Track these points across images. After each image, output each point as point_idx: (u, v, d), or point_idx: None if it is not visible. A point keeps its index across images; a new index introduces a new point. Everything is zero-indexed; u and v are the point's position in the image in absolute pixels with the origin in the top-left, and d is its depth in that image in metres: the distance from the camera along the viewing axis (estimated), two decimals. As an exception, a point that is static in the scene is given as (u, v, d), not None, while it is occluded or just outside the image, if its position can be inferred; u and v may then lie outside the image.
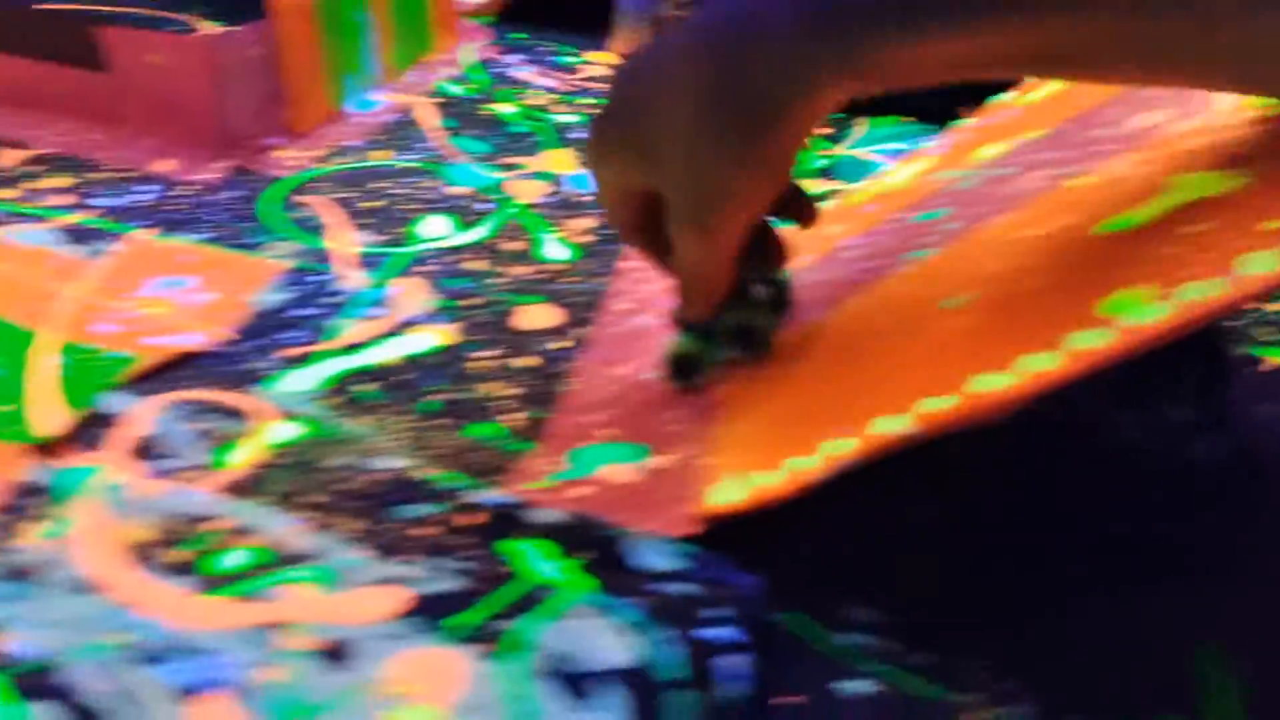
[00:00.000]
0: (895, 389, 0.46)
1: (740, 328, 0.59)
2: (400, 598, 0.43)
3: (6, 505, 0.46)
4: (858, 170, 1.00)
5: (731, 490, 0.49)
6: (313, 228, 0.73)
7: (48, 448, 0.49)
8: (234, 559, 0.44)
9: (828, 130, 1.08)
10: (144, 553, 0.44)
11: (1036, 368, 0.39)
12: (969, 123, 0.76)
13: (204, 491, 0.47)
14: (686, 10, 1.15)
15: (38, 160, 0.76)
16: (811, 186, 0.93)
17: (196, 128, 0.79)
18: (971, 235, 0.56)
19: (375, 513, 0.48)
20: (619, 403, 0.61)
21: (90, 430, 0.51)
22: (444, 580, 0.44)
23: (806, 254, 0.70)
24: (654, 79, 0.46)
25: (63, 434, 0.50)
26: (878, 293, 0.57)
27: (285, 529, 0.46)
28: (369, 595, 0.43)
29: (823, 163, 1.00)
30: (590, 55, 1.19)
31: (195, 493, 0.47)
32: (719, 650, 0.42)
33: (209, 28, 0.77)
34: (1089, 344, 0.38)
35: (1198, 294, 0.36)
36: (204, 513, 0.46)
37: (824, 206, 0.79)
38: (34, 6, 0.79)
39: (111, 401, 0.53)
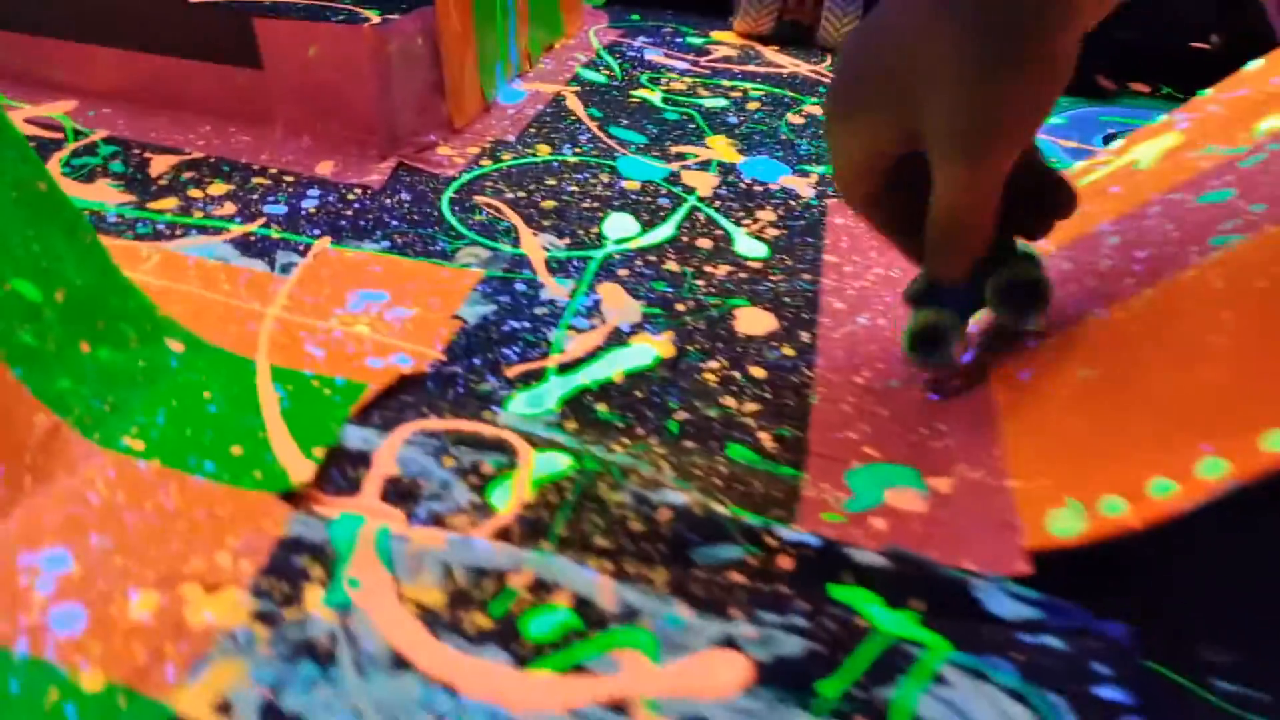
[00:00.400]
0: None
1: (1015, 283, 0.53)
2: (741, 664, 0.38)
3: (275, 566, 0.41)
4: (1022, 148, 0.94)
5: (1069, 521, 0.43)
6: (499, 231, 0.68)
7: (301, 495, 0.44)
8: (544, 623, 0.39)
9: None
10: (442, 618, 0.39)
11: None
12: (1211, 94, 0.70)
13: (485, 540, 0.42)
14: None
15: (191, 166, 0.71)
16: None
17: (356, 124, 0.73)
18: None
19: (678, 558, 0.43)
20: (870, 416, 0.55)
21: (339, 470, 0.46)
22: (784, 641, 0.38)
23: (1055, 238, 0.64)
24: (900, 27, 0.44)
25: (314, 479, 0.45)
26: (1182, 287, 0.51)
27: (587, 582, 0.40)
28: (707, 663, 0.38)
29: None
30: (718, 35, 1.13)
31: (477, 541, 0.42)
32: (1112, 714, 0.37)
33: (371, 16, 0.71)
34: None
35: None
36: (493, 565, 0.41)
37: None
38: (189, 0, 0.73)
39: (349, 436, 0.48)
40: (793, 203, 0.76)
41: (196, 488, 0.44)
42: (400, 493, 0.45)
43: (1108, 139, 0.96)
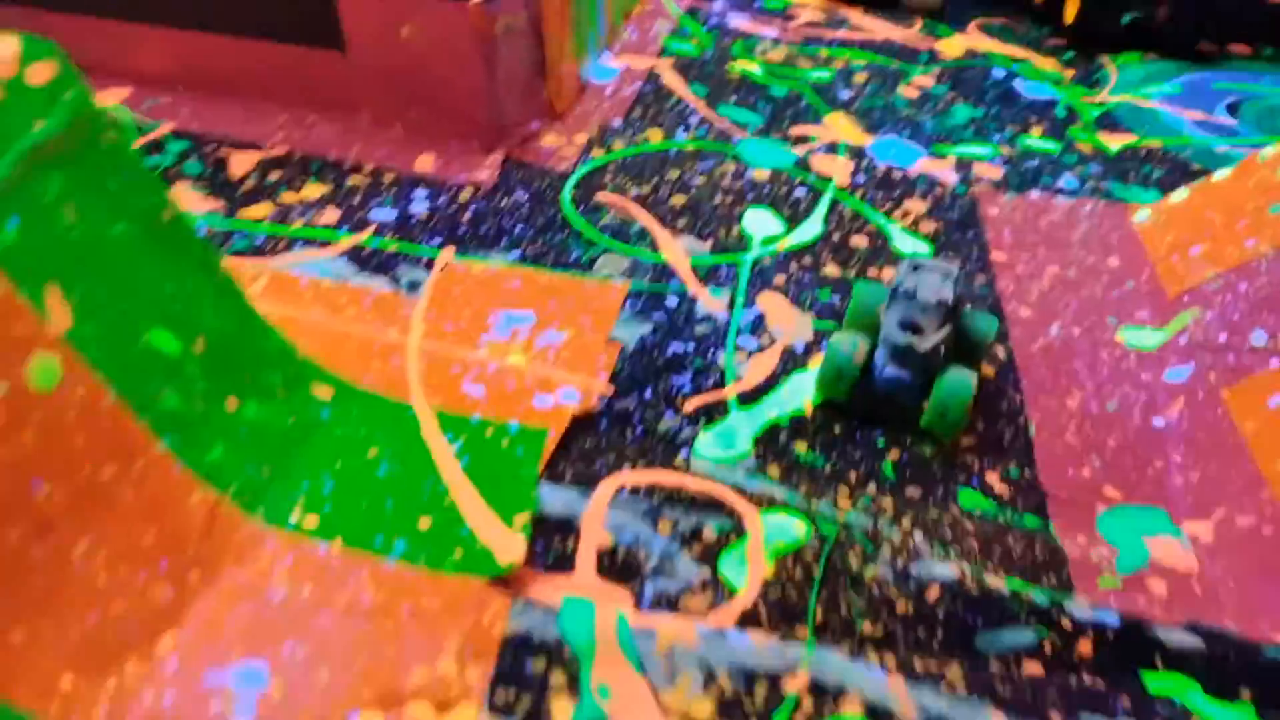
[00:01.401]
0: None
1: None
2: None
3: (509, 673, 0.34)
4: (1144, 120, 0.87)
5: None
6: (634, 235, 0.61)
7: (513, 578, 0.38)
8: (846, 741, 0.33)
9: (1071, 72, 0.95)
10: (722, 736, 0.33)
11: None
12: None
13: (740, 631, 0.36)
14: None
15: (276, 164, 0.63)
16: (1106, 140, 0.80)
17: (455, 113, 0.66)
18: None
19: (964, 648, 0.36)
20: (1098, 447, 0.49)
21: (542, 541, 0.40)
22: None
23: (1252, 238, 0.58)
24: None
25: (524, 557, 0.38)
26: None
27: (876, 683, 0.34)
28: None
29: (1096, 113, 0.87)
30: (795, -2, 1.05)
31: (734, 634, 0.36)
32: None
33: (469, -9, 0.63)
34: None
35: None
36: (760, 665, 0.35)
37: (1218, 179, 0.67)
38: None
39: (545, 497, 0.41)
40: (939, 190, 0.69)
41: (391, 575, 0.37)
42: (620, 569, 0.39)
43: (1232, 109, 0.90)
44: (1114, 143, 0.80)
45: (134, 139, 0.39)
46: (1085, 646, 0.37)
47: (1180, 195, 0.67)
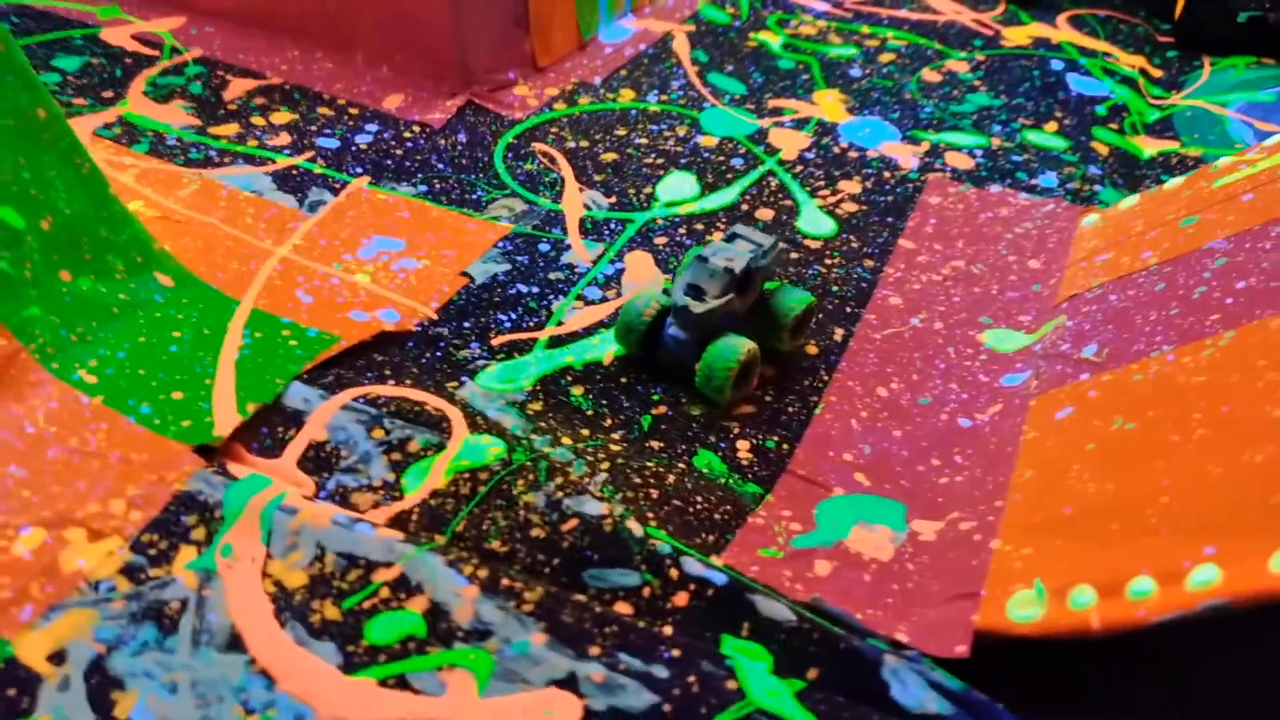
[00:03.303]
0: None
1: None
2: (573, 712, 0.34)
3: (163, 521, 0.40)
4: (1202, 127, 0.80)
5: (1030, 607, 0.36)
6: (544, 184, 0.65)
7: (218, 450, 0.44)
8: (390, 627, 0.36)
9: (1160, 73, 0.87)
10: (294, 602, 0.37)
11: None
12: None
13: (371, 526, 0.40)
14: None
15: (266, 91, 0.72)
16: (1143, 145, 0.75)
17: (430, 56, 0.72)
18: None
19: (563, 578, 0.39)
20: (880, 435, 0.49)
21: (269, 429, 0.45)
22: (631, 692, 0.34)
23: (1147, 250, 0.54)
24: None
25: (232, 434, 0.44)
26: (1265, 336, 0.41)
27: (452, 590, 0.37)
28: (534, 704, 0.34)
29: (1156, 115, 0.81)
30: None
31: (362, 526, 0.40)
32: None
33: (448, -54, 0.69)
34: None
35: None
36: (366, 555, 0.39)
37: (1155, 193, 0.62)
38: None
39: (294, 393, 0.47)
40: (888, 174, 0.68)
41: (124, 430, 0.44)
42: (319, 461, 0.44)
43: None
44: (1151, 147, 0.75)
45: (13, 44, 0.47)
46: (681, 599, 0.38)
47: (1129, 201, 0.63)
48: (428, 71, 0.72)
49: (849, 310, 0.56)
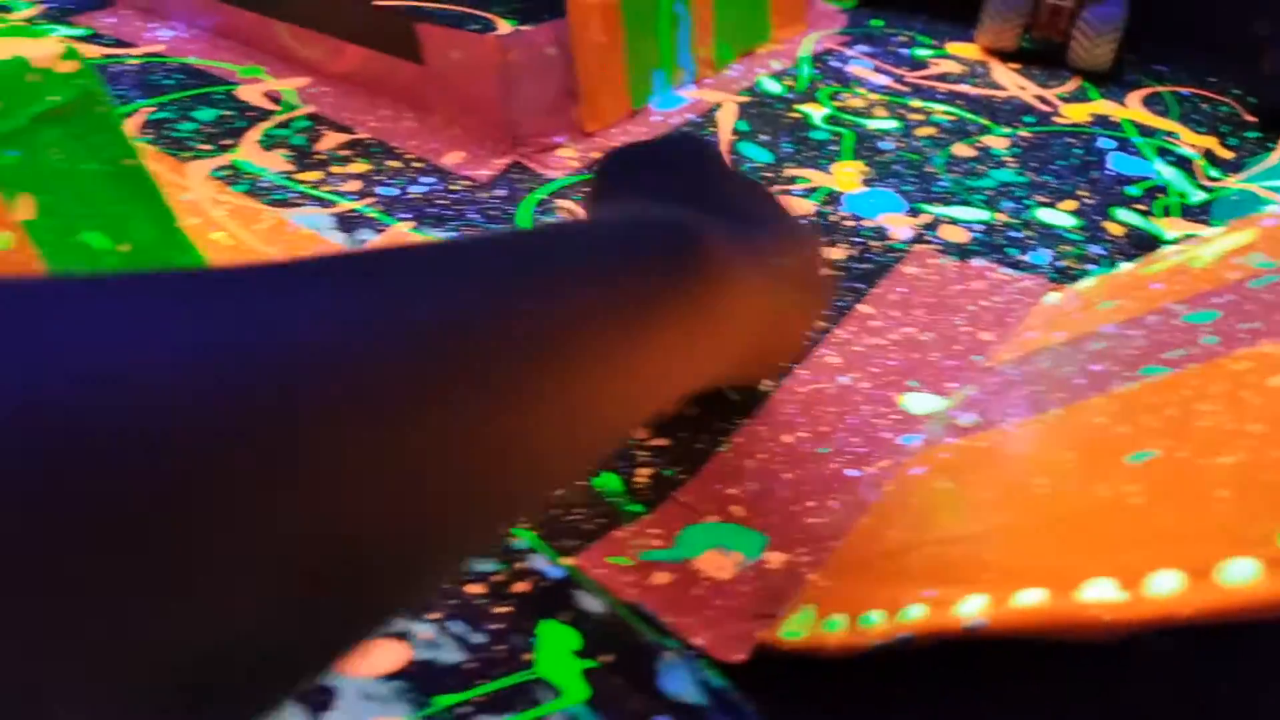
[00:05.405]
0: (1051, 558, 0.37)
1: None
2: (400, 657, 0.42)
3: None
4: (1243, 211, 0.80)
5: (798, 626, 0.42)
6: (552, 234, 0.74)
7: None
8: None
9: (1229, 155, 0.87)
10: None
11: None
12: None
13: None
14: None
15: (353, 145, 0.85)
16: (1167, 227, 0.76)
17: (486, 122, 0.83)
18: (1220, 364, 0.42)
19: (436, 561, 0.47)
20: (767, 477, 0.55)
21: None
22: (448, 650, 0.42)
23: (1063, 330, 0.57)
24: None
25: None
26: (1072, 416, 0.45)
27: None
28: (370, 646, 0.43)
29: (1200, 196, 0.81)
30: (952, 47, 1.07)
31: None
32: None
33: (506, 26, 0.80)
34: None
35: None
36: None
37: (1111, 274, 0.64)
38: (374, 3, 0.87)
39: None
40: (875, 243, 0.73)
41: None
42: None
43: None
44: (1176, 230, 0.77)
45: (115, 110, 0.61)
46: (521, 586, 0.46)
47: (1088, 282, 0.65)
48: (489, 135, 0.83)
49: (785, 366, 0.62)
